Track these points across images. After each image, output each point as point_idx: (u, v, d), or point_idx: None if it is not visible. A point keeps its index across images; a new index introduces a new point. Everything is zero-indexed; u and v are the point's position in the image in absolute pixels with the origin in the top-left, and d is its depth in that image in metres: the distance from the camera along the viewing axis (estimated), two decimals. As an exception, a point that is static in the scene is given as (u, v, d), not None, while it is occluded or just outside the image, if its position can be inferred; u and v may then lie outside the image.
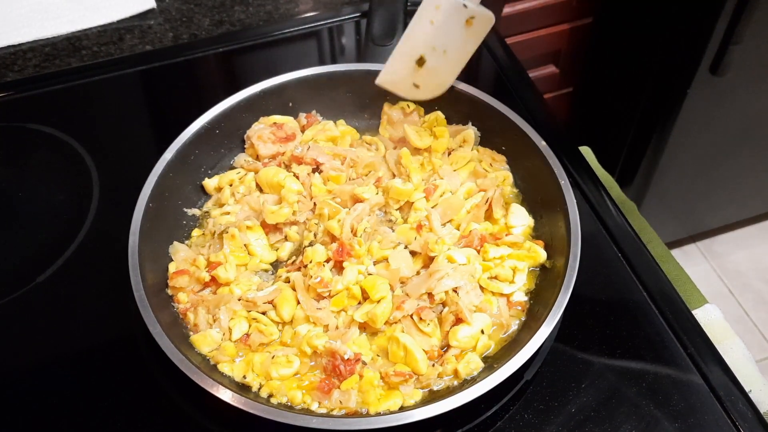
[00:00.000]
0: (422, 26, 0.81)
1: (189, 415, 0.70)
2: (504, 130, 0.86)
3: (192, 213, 0.86)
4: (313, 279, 0.73)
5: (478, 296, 0.73)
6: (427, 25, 0.81)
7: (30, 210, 0.90)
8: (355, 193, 0.82)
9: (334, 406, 0.67)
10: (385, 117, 0.93)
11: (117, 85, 1.05)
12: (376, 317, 0.71)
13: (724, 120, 1.57)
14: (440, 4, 0.80)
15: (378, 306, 0.72)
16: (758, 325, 1.96)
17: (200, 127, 0.85)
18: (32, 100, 1.02)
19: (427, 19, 0.81)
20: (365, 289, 0.74)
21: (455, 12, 0.80)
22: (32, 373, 0.74)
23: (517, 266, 0.77)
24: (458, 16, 0.80)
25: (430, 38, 0.82)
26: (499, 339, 0.74)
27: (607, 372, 0.72)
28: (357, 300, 0.74)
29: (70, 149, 0.95)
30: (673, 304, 0.77)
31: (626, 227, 0.84)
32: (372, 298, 0.73)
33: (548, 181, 0.79)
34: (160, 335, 0.66)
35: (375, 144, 0.91)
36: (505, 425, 0.69)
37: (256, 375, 0.70)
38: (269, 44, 1.10)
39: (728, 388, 0.70)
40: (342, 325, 0.74)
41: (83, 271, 0.83)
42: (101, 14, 1.13)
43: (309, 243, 0.81)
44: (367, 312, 0.72)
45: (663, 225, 1.89)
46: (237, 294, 0.76)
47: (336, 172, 0.84)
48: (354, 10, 1.13)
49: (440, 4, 0.80)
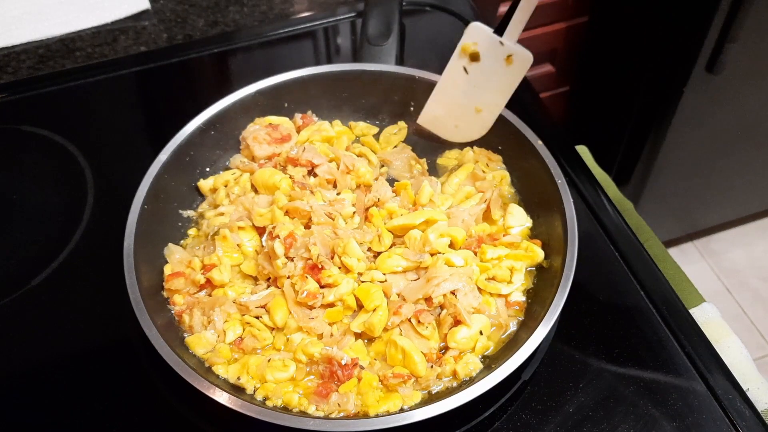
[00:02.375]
0: (459, 66, 0.80)
1: (185, 417, 0.70)
2: (500, 129, 0.86)
3: (187, 214, 0.85)
4: (300, 294, 0.72)
5: (476, 298, 0.73)
6: (463, 66, 0.80)
7: (24, 212, 0.90)
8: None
9: (333, 409, 0.67)
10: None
11: (111, 87, 1.04)
12: (373, 326, 0.71)
13: (721, 118, 1.57)
14: (478, 41, 0.79)
15: (374, 315, 0.71)
16: (756, 323, 1.97)
17: (195, 128, 0.85)
18: (26, 101, 1.02)
19: (463, 58, 0.80)
20: (359, 297, 0.73)
21: (493, 50, 0.79)
22: (27, 377, 0.74)
23: (515, 266, 0.76)
24: (497, 53, 0.80)
25: (469, 78, 0.81)
26: (498, 339, 0.73)
27: (604, 372, 0.72)
28: (352, 310, 0.74)
29: (64, 151, 0.94)
30: (670, 303, 0.77)
31: (623, 226, 0.84)
32: (367, 308, 0.72)
33: (545, 180, 0.79)
34: (156, 338, 0.66)
35: (365, 156, 0.90)
36: (503, 425, 0.69)
37: (251, 377, 0.70)
38: (264, 45, 1.09)
39: (726, 387, 0.70)
40: (337, 333, 0.73)
41: (78, 273, 0.82)
42: (95, 15, 1.13)
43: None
44: (363, 322, 0.72)
45: (660, 224, 1.89)
46: (231, 296, 0.75)
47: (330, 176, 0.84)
48: (349, 10, 1.13)
49: (478, 41, 0.79)
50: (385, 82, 0.92)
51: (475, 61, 0.80)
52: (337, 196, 0.82)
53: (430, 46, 1.11)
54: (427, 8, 1.15)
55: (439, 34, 1.13)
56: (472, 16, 1.13)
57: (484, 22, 1.11)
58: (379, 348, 0.72)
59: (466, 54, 0.81)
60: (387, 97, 0.93)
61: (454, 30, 1.12)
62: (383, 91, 0.92)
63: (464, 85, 0.81)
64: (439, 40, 1.12)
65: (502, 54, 0.80)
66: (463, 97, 0.82)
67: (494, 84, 0.82)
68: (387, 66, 0.93)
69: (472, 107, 0.83)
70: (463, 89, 0.81)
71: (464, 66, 0.80)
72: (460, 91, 0.81)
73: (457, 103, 0.82)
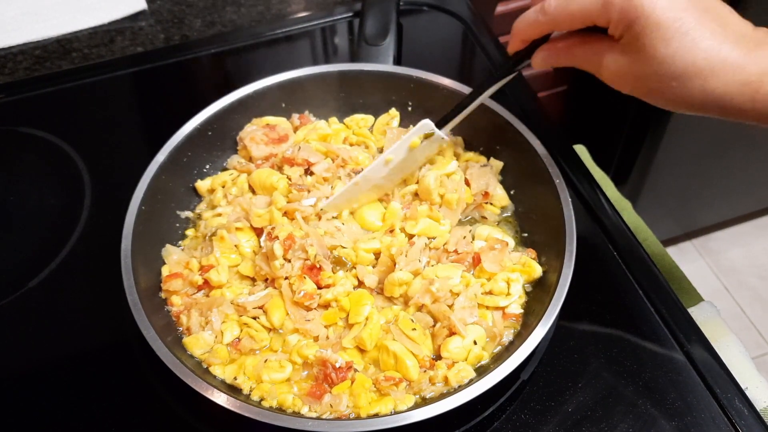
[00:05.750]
0: (381, 162, 0.81)
1: (182, 418, 0.70)
2: (498, 129, 0.86)
3: (185, 215, 0.85)
4: (297, 294, 0.72)
5: (473, 315, 0.72)
6: (385, 159, 0.81)
7: (21, 214, 0.89)
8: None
9: (325, 410, 0.67)
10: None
11: (108, 88, 1.04)
12: (364, 341, 0.70)
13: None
14: (421, 137, 0.80)
15: (365, 329, 0.71)
16: (754, 322, 1.97)
17: (192, 128, 0.85)
18: (23, 103, 1.01)
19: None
20: (350, 305, 0.73)
21: (429, 141, 0.81)
22: (25, 379, 0.74)
23: (510, 277, 0.75)
24: (431, 143, 0.82)
25: (388, 168, 0.82)
26: (492, 351, 0.72)
27: (603, 371, 0.72)
28: (347, 312, 0.73)
29: (61, 152, 0.94)
30: (668, 302, 0.77)
31: (621, 225, 0.84)
32: (351, 320, 0.72)
33: (543, 180, 0.79)
34: (154, 339, 0.66)
35: (364, 144, 0.91)
36: (502, 426, 0.69)
37: (247, 378, 0.70)
38: (261, 45, 1.09)
39: (725, 386, 0.70)
40: (333, 336, 0.73)
41: (76, 275, 0.82)
42: (92, 16, 1.13)
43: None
44: (354, 337, 0.71)
45: (658, 223, 1.89)
46: (229, 297, 0.75)
47: (329, 174, 0.84)
48: (346, 10, 1.13)
49: (422, 136, 0.80)
50: (382, 82, 0.91)
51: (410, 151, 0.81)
52: (332, 190, 0.82)
53: (427, 46, 1.11)
54: (425, 8, 1.15)
55: (436, 34, 1.13)
56: (469, 16, 1.13)
57: (480, 21, 1.12)
58: (373, 354, 0.72)
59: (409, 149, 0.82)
60: (384, 97, 0.93)
61: (452, 30, 1.13)
62: (380, 91, 0.92)
63: (380, 176, 0.82)
64: (436, 40, 1.12)
65: (434, 142, 0.82)
66: (372, 187, 0.83)
67: (410, 164, 0.83)
68: (384, 66, 0.93)
69: (379, 189, 0.84)
70: (378, 179, 0.82)
71: (386, 159, 0.81)
72: (374, 182, 0.82)
73: (365, 191, 0.83)
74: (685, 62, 0.60)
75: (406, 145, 0.81)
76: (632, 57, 0.63)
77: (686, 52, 0.60)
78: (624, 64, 0.64)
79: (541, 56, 0.70)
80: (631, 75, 0.64)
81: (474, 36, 1.10)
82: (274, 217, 0.78)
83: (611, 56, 0.64)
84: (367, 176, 0.82)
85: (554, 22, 0.65)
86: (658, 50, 0.60)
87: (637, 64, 0.63)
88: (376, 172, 0.82)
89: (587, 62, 0.67)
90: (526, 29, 0.69)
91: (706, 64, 0.59)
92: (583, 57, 0.67)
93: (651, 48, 0.60)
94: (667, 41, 0.59)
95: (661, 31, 0.59)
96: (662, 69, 0.61)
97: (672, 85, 0.62)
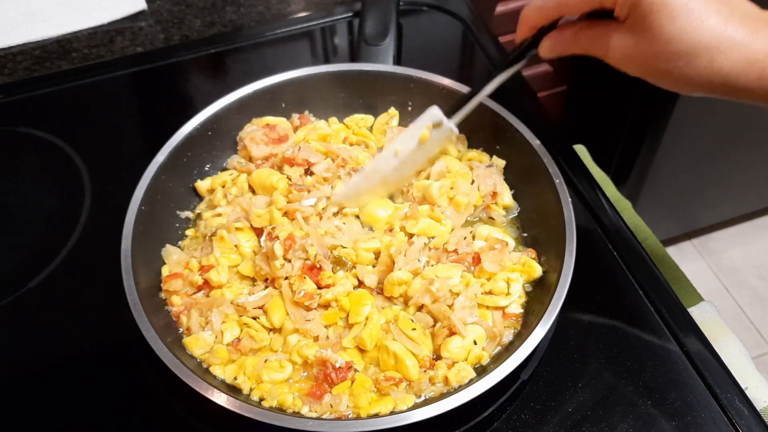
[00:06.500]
0: (390, 152, 0.81)
1: (182, 418, 0.70)
2: (498, 128, 0.86)
3: (185, 215, 0.85)
4: (297, 294, 0.72)
5: (472, 315, 0.72)
6: (394, 150, 0.80)
7: (21, 214, 0.89)
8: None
9: (325, 410, 0.67)
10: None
11: (108, 88, 1.04)
12: (364, 341, 0.70)
13: (719, 117, 1.57)
14: (432, 125, 0.79)
15: (365, 329, 0.71)
16: (754, 322, 1.97)
17: (192, 129, 0.85)
18: (23, 103, 1.01)
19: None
20: (350, 305, 0.73)
21: (439, 132, 0.80)
22: (25, 378, 0.74)
23: (510, 277, 0.75)
24: (440, 134, 0.80)
25: (398, 159, 0.81)
26: (492, 351, 0.72)
27: (603, 371, 0.72)
28: (347, 312, 0.73)
29: (61, 153, 0.94)
30: (668, 302, 0.77)
31: (621, 225, 0.84)
32: (352, 320, 0.72)
33: (543, 179, 0.79)
34: (154, 339, 0.66)
35: (364, 144, 0.91)
36: (502, 426, 0.69)
37: (247, 378, 0.70)
38: (261, 45, 1.09)
39: (725, 386, 0.70)
40: (333, 336, 0.73)
41: (76, 275, 0.82)
42: (92, 16, 1.13)
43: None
44: (354, 337, 0.71)
45: (658, 223, 1.89)
46: (229, 297, 0.75)
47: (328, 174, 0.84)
48: (346, 10, 1.13)
49: (433, 125, 0.79)
50: (382, 82, 0.91)
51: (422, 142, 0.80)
52: (332, 190, 0.82)
53: (427, 46, 1.11)
54: (425, 8, 1.15)
55: (436, 34, 1.13)
56: (469, 16, 1.13)
57: (480, 21, 1.12)
58: (373, 354, 0.72)
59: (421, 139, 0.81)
60: (384, 96, 0.93)
61: (452, 30, 1.13)
62: (380, 90, 0.92)
63: (390, 168, 0.81)
64: (436, 40, 1.12)
65: (444, 133, 0.80)
66: (382, 180, 0.82)
67: (421, 157, 0.82)
68: (384, 66, 0.93)
69: (390, 183, 0.83)
70: (388, 171, 0.81)
71: (395, 150, 0.80)
72: (384, 174, 0.81)
73: (376, 183, 0.82)
74: (692, 40, 0.60)
75: (415, 136, 0.80)
76: (639, 36, 0.62)
77: (693, 30, 0.59)
78: (631, 45, 0.63)
79: (548, 44, 0.70)
80: (638, 55, 0.64)
81: (474, 36, 1.11)
82: (274, 217, 0.78)
83: (618, 37, 0.64)
84: (376, 168, 0.81)
85: (562, 5, 0.66)
86: (664, 28, 0.60)
87: (643, 44, 0.62)
88: (385, 163, 0.81)
89: (594, 46, 0.67)
90: (534, 15, 0.69)
91: (712, 42, 0.59)
92: (589, 41, 0.67)
93: (657, 26, 0.60)
94: (674, 19, 0.59)
95: (668, 9, 0.59)
96: (669, 47, 0.61)
97: (678, 64, 0.62)
